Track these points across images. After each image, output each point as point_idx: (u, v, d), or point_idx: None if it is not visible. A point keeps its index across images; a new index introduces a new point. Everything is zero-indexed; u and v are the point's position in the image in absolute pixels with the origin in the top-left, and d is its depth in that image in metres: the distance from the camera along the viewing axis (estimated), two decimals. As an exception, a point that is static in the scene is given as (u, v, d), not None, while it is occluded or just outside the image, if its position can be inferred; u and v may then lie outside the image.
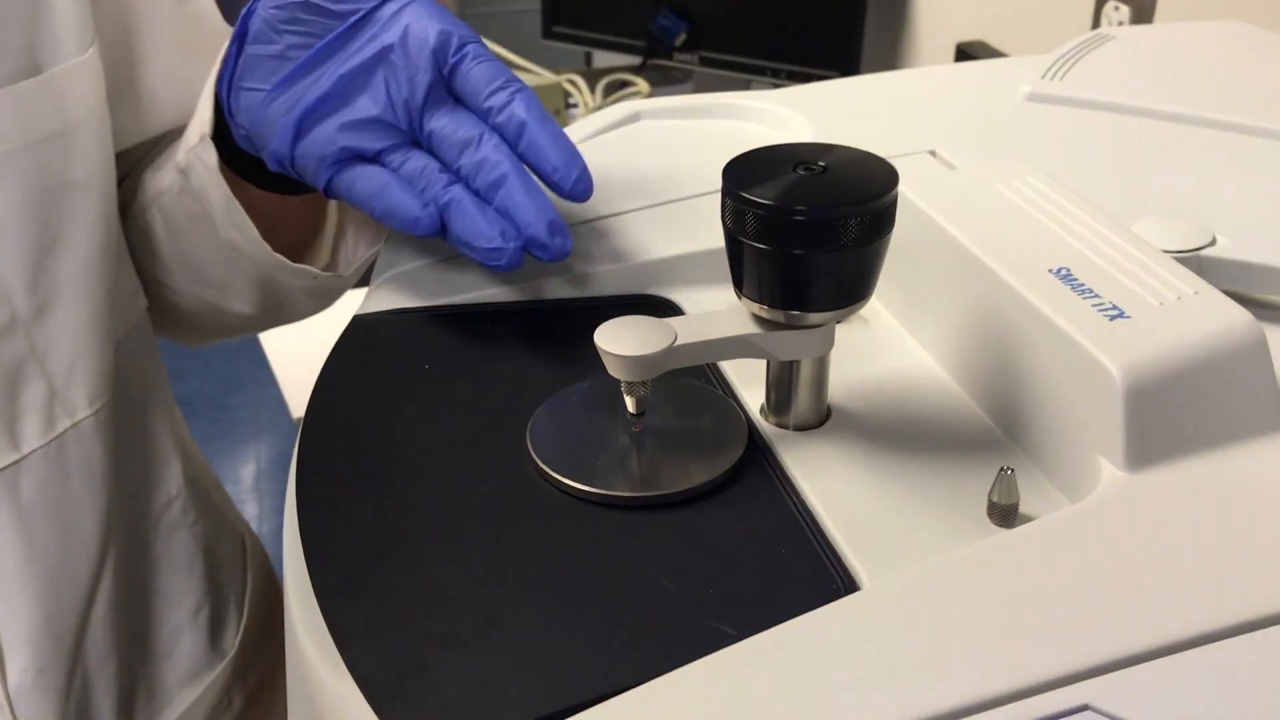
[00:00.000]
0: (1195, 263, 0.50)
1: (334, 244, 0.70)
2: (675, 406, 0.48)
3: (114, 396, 0.63)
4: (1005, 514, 0.42)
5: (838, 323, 0.45)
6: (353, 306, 0.57)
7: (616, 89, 1.61)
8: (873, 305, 0.53)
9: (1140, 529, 0.38)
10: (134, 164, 0.68)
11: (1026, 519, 0.42)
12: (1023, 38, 1.40)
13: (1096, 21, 1.27)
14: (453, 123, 0.53)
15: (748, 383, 0.49)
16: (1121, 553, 0.38)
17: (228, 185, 0.61)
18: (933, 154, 0.64)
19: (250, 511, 2.29)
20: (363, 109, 0.54)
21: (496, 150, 0.52)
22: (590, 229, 0.59)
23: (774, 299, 0.43)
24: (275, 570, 0.82)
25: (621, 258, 0.57)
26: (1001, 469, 0.41)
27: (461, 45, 0.53)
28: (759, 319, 0.44)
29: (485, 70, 0.53)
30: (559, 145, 0.52)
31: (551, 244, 0.51)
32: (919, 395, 0.48)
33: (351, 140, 0.54)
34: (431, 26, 0.53)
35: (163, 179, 0.65)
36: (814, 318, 0.44)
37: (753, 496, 0.44)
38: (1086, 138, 0.67)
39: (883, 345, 0.51)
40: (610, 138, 0.67)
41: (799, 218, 0.41)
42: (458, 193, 0.52)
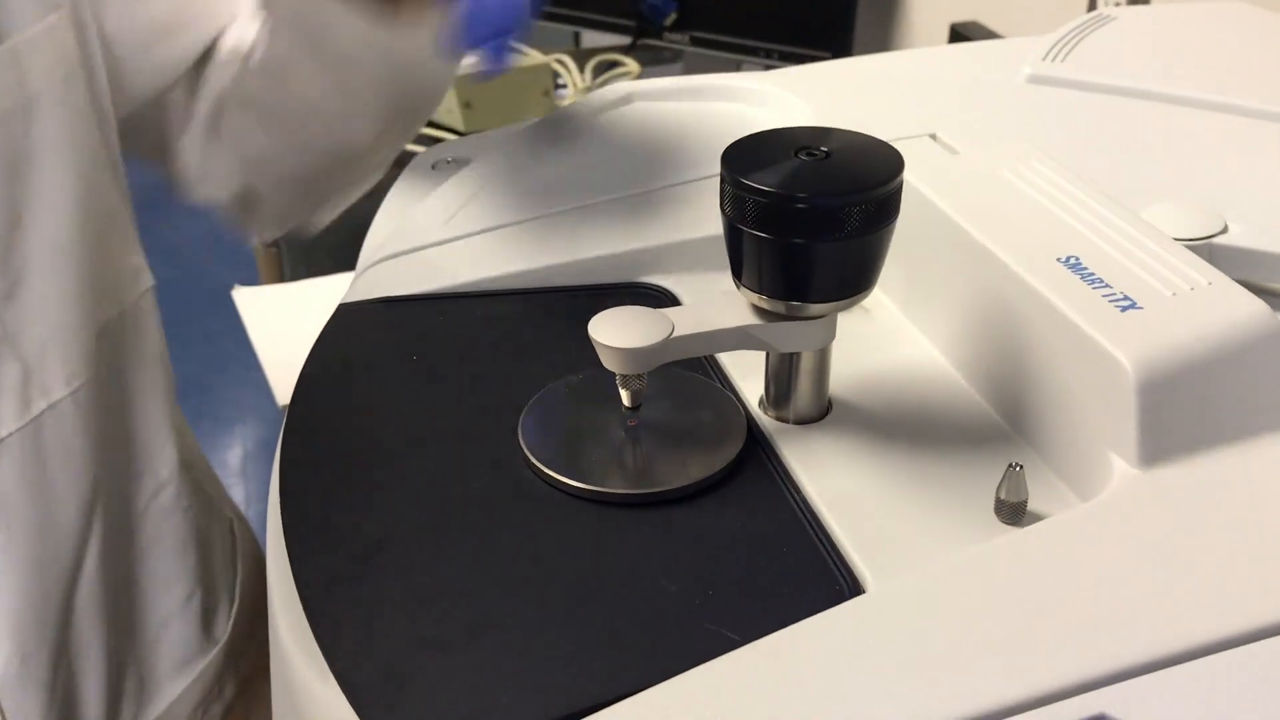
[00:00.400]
0: (1206, 250, 0.49)
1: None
2: (672, 400, 0.46)
3: (97, 377, 0.61)
4: (1014, 512, 0.40)
5: (840, 313, 0.44)
6: (339, 294, 0.56)
7: (606, 69, 1.60)
8: (875, 295, 0.52)
9: (1155, 528, 0.37)
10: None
11: (1036, 517, 0.40)
12: (1018, 18, 1.39)
13: (1093, 3, 1.26)
14: None
15: (746, 375, 0.48)
16: (1136, 553, 0.36)
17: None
18: (934, 138, 0.63)
19: (237, 496, 2.27)
20: None
21: None
22: (583, 214, 0.57)
23: (774, 289, 0.42)
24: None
25: (616, 244, 0.55)
26: (1009, 465, 0.40)
27: None
28: (758, 310, 0.43)
29: None
30: None
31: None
32: (923, 388, 0.47)
33: None
34: None
35: (218, 76, 0.63)
36: (815, 309, 0.42)
37: (752, 493, 0.43)
38: (1090, 121, 0.65)
39: (885, 336, 0.50)
40: (604, 121, 0.65)
41: (801, 205, 0.39)
42: None
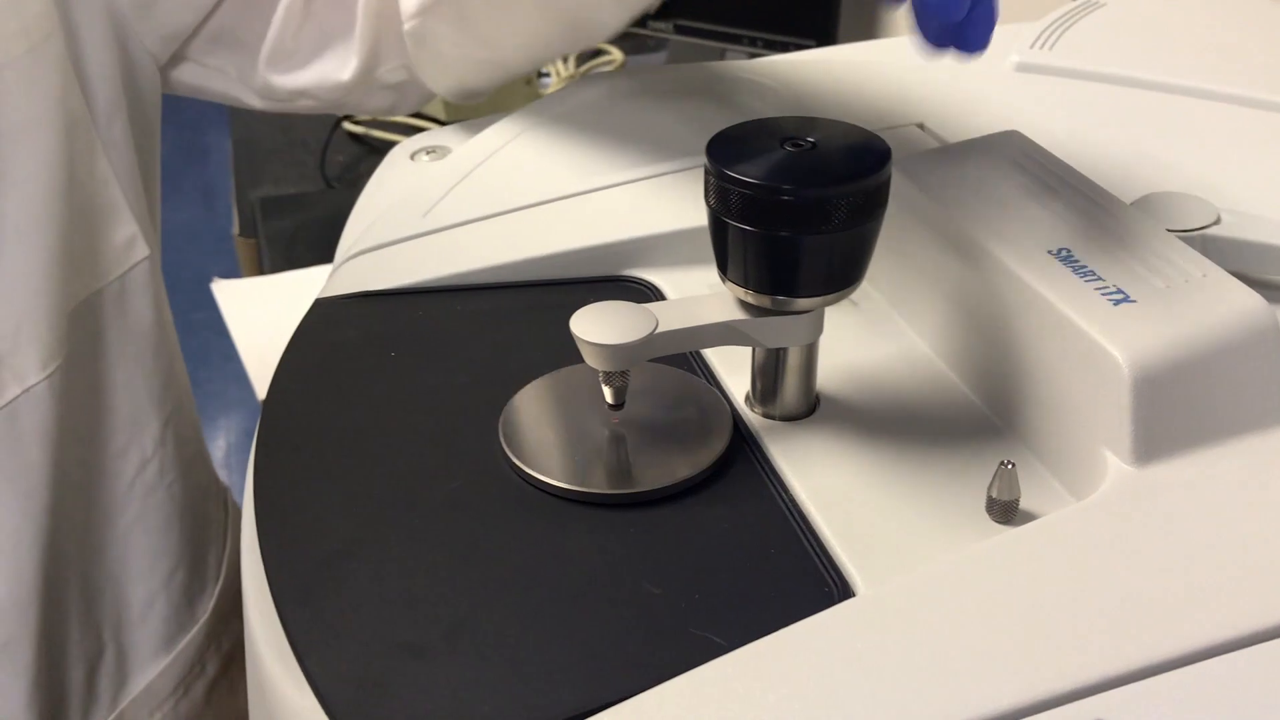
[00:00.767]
0: (1199, 242, 0.48)
1: None
2: (656, 396, 0.45)
3: (76, 356, 0.60)
4: (1005, 510, 0.39)
5: (827, 307, 0.43)
6: (319, 286, 0.55)
7: (589, 58, 1.59)
8: (863, 288, 0.51)
9: (1150, 527, 0.36)
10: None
11: (1028, 516, 0.39)
12: (1004, 5, 1.38)
13: (1080, -11, 1.25)
14: None
15: (732, 370, 0.47)
16: (1132, 553, 0.35)
17: None
18: (921, 127, 0.62)
19: (221, 487, 2.26)
20: None
21: None
22: (565, 205, 0.56)
23: (760, 283, 0.41)
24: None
25: (599, 236, 0.54)
26: (1001, 463, 0.39)
27: None
28: (744, 304, 0.42)
29: None
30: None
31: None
32: (912, 383, 0.46)
33: None
34: None
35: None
36: (802, 303, 0.41)
37: (739, 492, 0.42)
38: (1080, 110, 0.64)
39: (874, 330, 0.49)
40: (587, 110, 0.64)
41: (787, 198, 0.38)
42: None
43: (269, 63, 0.66)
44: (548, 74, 1.51)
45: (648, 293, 0.53)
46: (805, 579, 0.38)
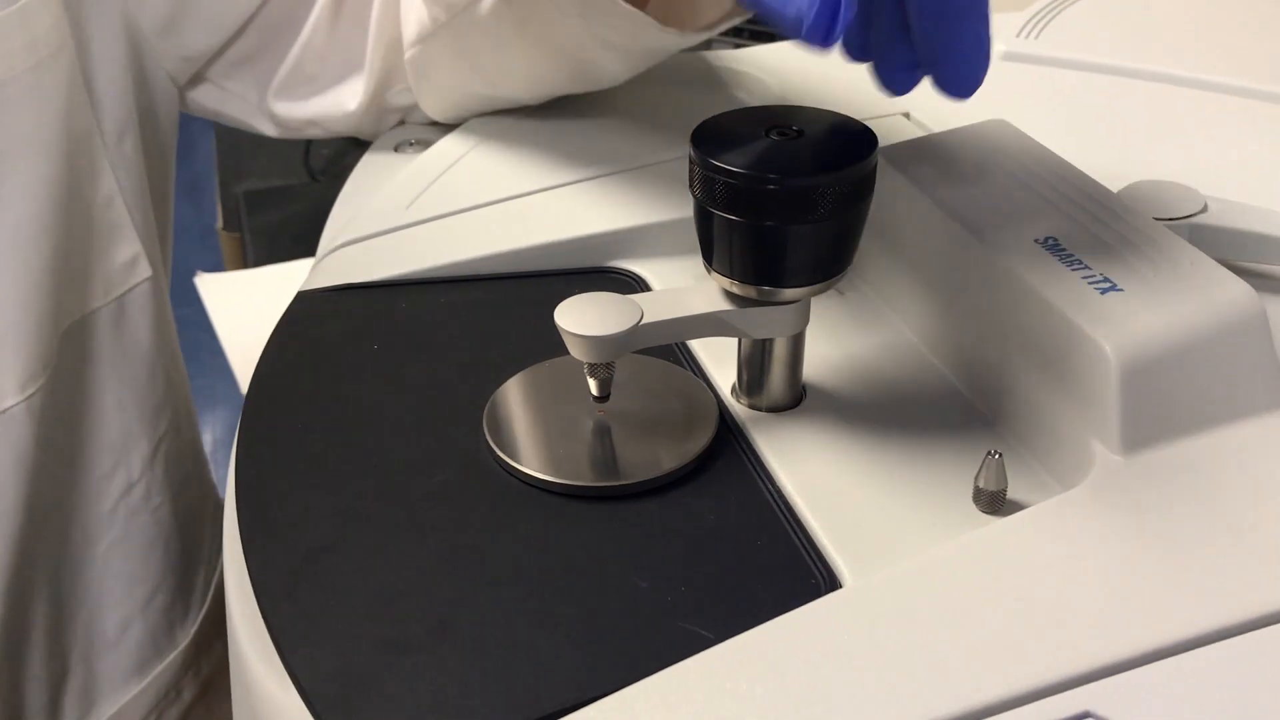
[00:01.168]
0: (1186, 230, 0.48)
1: None
2: (641, 388, 0.45)
3: (61, 378, 0.59)
4: (992, 500, 0.39)
5: (813, 298, 0.43)
6: (303, 280, 0.54)
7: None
8: (850, 278, 0.51)
9: (1138, 517, 0.36)
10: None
11: (1016, 505, 0.39)
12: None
13: (1064, -21, 1.25)
14: None
15: (718, 361, 0.47)
16: (1120, 543, 0.35)
17: None
18: (907, 116, 0.61)
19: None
20: None
21: None
22: (549, 197, 0.56)
23: (746, 274, 0.40)
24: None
25: (584, 228, 0.54)
26: (988, 453, 0.39)
27: None
28: (730, 295, 0.42)
29: None
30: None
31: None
32: (899, 374, 0.46)
33: None
34: None
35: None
36: (789, 293, 0.41)
37: (725, 484, 0.41)
38: (1066, 99, 0.64)
39: (860, 320, 0.49)
40: (575, 102, 0.64)
41: (772, 187, 0.38)
42: None
43: (280, 91, 0.65)
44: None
45: (633, 284, 0.53)
46: (792, 571, 0.38)
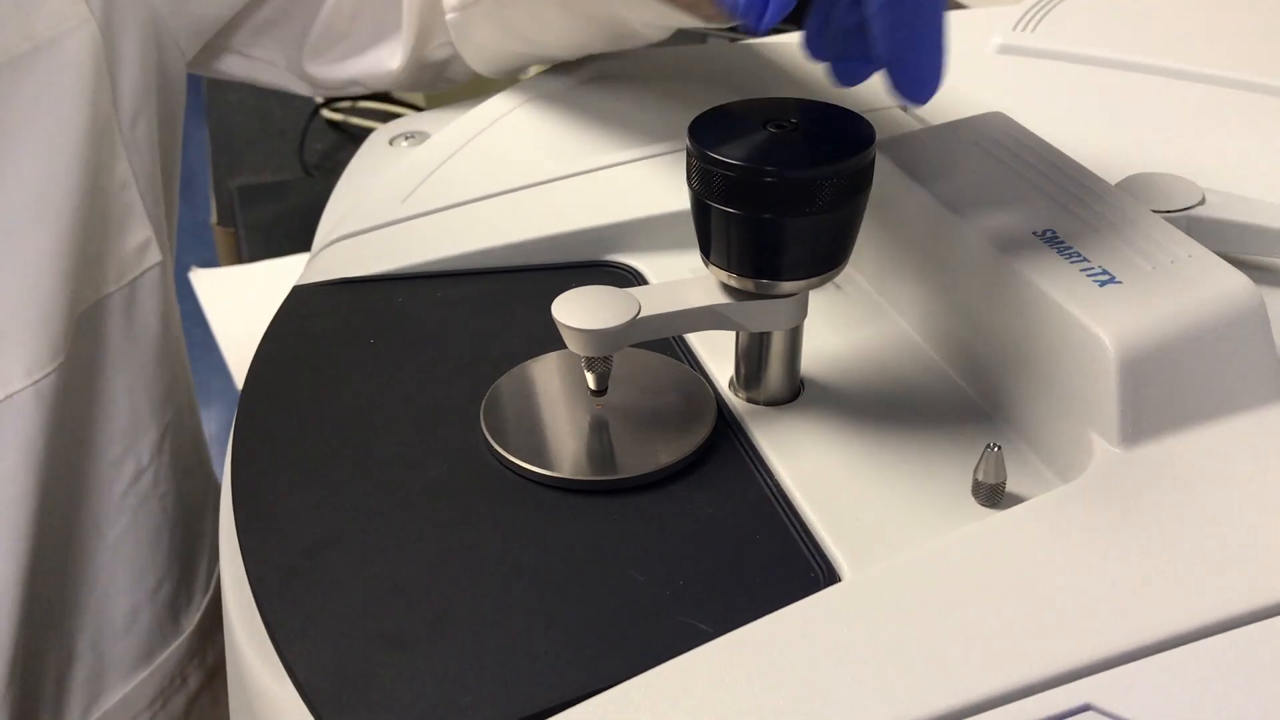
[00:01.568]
0: (1184, 223, 0.48)
1: None
2: (639, 382, 0.45)
3: (74, 363, 0.58)
4: (991, 494, 0.39)
5: (811, 291, 0.42)
6: (296, 275, 0.54)
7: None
8: (847, 271, 0.51)
9: (1138, 509, 0.36)
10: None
11: (1015, 499, 0.39)
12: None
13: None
14: None
15: (716, 355, 0.47)
16: (1119, 536, 0.35)
17: None
18: (904, 109, 0.61)
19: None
20: None
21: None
22: (546, 190, 0.55)
23: (744, 267, 0.40)
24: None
25: (579, 221, 0.53)
26: (987, 446, 0.39)
27: None
28: (728, 288, 0.42)
29: None
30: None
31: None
32: (897, 367, 0.46)
33: None
34: None
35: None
36: (786, 286, 0.41)
37: (723, 478, 0.41)
38: (1063, 91, 0.64)
39: (858, 314, 0.49)
40: (568, 93, 0.64)
41: (770, 179, 0.38)
42: None
43: (315, 53, 0.65)
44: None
45: (630, 277, 0.52)
46: (790, 564, 0.38)
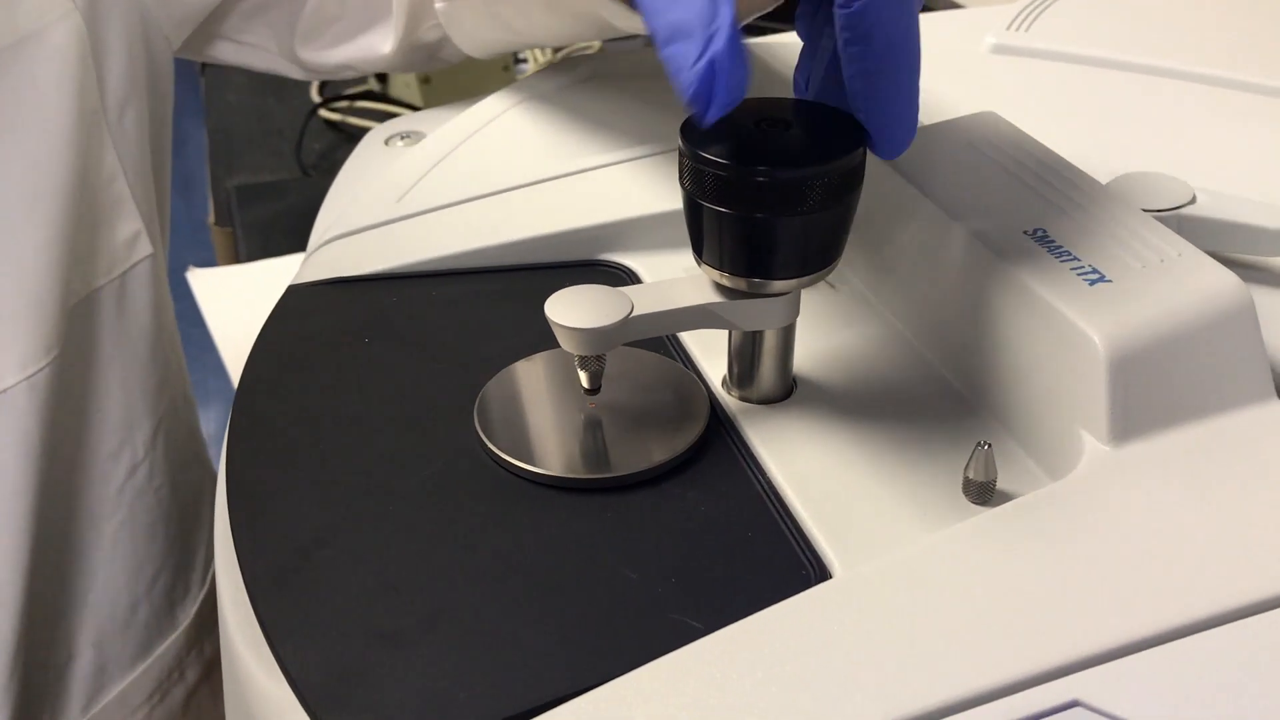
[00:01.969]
0: (1175, 222, 0.48)
1: None
2: (632, 381, 0.45)
3: (67, 357, 0.58)
4: (982, 491, 0.39)
5: (803, 290, 0.43)
6: (291, 274, 0.54)
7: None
8: (839, 269, 0.51)
9: (1127, 506, 0.36)
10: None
11: (1005, 496, 0.39)
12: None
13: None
14: None
15: (709, 354, 0.47)
16: (1108, 533, 0.35)
17: None
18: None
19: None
20: None
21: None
22: (540, 190, 0.56)
23: (736, 265, 0.40)
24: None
25: (573, 220, 0.54)
26: (978, 444, 0.39)
27: None
28: (720, 287, 0.42)
29: None
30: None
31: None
32: (889, 366, 0.46)
33: None
34: None
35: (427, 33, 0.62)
36: (778, 285, 0.41)
37: (716, 476, 0.41)
38: (1056, 91, 0.64)
39: (850, 313, 0.49)
40: (563, 93, 0.64)
41: (761, 179, 0.38)
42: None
43: (306, 38, 0.65)
44: (524, 59, 1.51)
45: (624, 277, 0.53)
46: (782, 562, 0.38)
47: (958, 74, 0.66)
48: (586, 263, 0.53)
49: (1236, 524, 0.36)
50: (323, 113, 1.38)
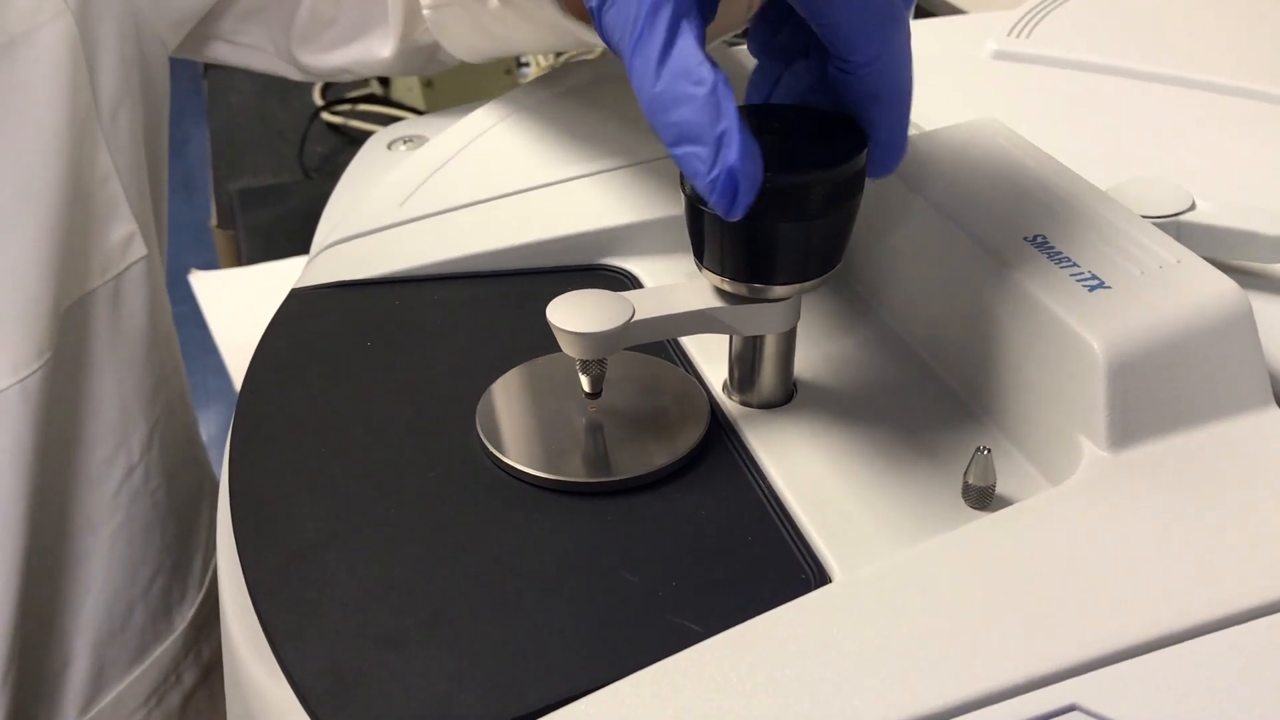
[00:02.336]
0: (1174, 228, 0.48)
1: None
2: (633, 385, 0.45)
3: (60, 360, 0.58)
4: (981, 496, 0.40)
5: (804, 295, 0.43)
6: (295, 278, 0.54)
7: (569, 48, 1.58)
8: (840, 275, 0.51)
9: (1125, 512, 0.36)
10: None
11: (1004, 501, 0.39)
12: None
13: (1057, -22, 1.25)
14: None
15: (710, 358, 0.47)
16: (1107, 538, 0.36)
17: None
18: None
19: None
20: None
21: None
22: (542, 194, 0.56)
23: (736, 271, 0.41)
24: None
25: (575, 225, 0.54)
26: (977, 449, 0.39)
27: None
28: (721, 292, 0.42)
29: None
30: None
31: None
32: (889, 371, 0.46)
33: None
34: None
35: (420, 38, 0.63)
36: (779, 290, 0.41)
37: (716, 480, 0.42)
38: (1057, 97, 0.65)
39: (850, 318, 0.49)
40: (566, 98, 0.64)
41: (763, 184, 0.38)
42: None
43: (303, 40, 0.65)
44: (527, 63, 1.51)
45: (625, 281, 0.53)
46: (782, 566, 0.38)
47: (959, 80, 0.67)
48: (588, 267, 0.54)
49: (1234, 529, 0.36)
50: (325, 116, 1.39)
